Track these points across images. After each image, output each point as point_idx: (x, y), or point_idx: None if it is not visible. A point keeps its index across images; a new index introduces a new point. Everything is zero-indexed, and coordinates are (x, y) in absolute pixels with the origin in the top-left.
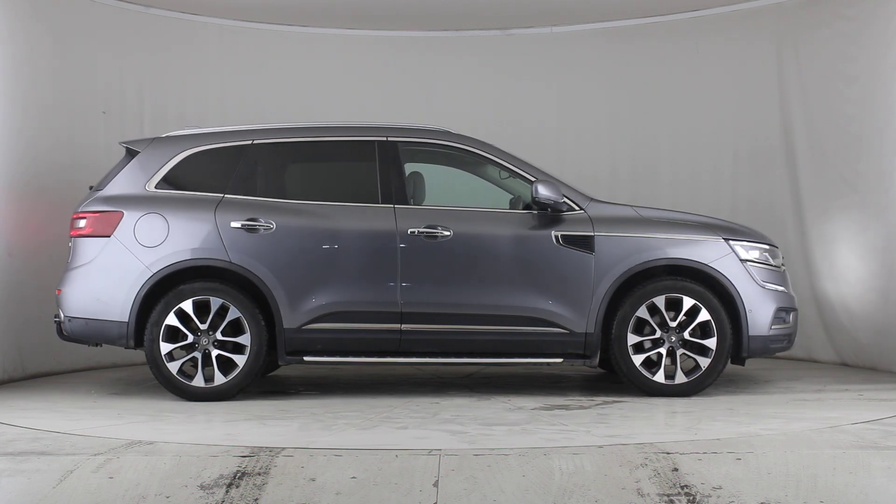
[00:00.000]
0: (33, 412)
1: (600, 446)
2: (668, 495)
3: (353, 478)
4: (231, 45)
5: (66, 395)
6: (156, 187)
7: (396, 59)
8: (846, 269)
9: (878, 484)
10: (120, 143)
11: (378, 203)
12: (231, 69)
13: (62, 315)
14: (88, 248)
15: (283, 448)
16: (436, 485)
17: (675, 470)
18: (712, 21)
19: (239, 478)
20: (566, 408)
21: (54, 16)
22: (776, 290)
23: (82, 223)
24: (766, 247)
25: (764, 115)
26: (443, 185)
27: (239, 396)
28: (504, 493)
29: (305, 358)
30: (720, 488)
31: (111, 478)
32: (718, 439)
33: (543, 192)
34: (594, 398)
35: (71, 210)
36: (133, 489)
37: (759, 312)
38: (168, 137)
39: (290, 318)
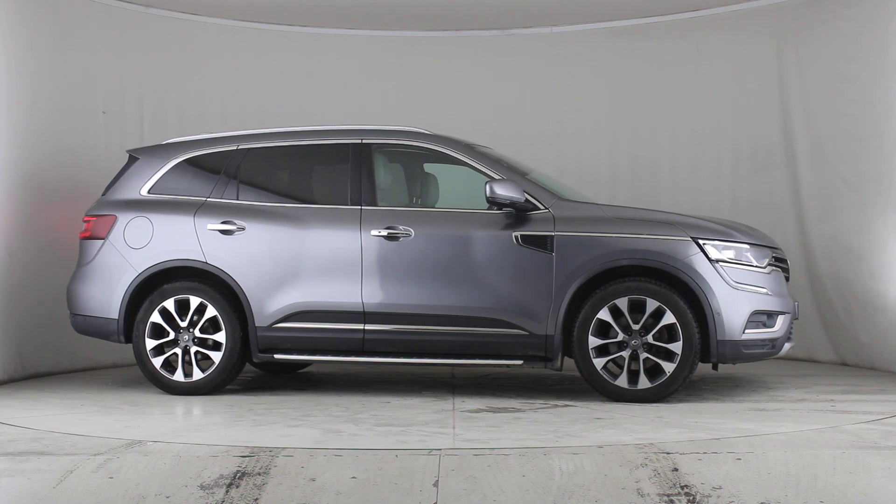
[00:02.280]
0: (33, 412)
1: (600, 446)
2: (668, 495)
3: (353, 478)
4: (231, 45)
5: (65, 395)
6: (149, 192)
7: (396, 59)
8: (846, 269)
9: (878, 484)
10: (126, 151)
11: (347, 205)
12: (231, 69)
13: (69, 312)
14: (89, 250)
15: (284, 448)
16: (436, 485)
17: (675, 470)
18: (712, 21)
19: (239, 478)
20: (496, 411)
21: (54, 16)
22: (753, 292)
23: (85, 226)
24: (746, 246)
25: (764, 115)
26: (446, 185)
27: (228, 390)
28: (504, 493)
29: (276, 356)
30: (720, 488)
31: (111, 478)
32: (718, 439)
33: (497, 191)
34: (548, 402)
35: (70, 209)
36: (133, 489)
37: (730, 315)
38: (165, 144)
39: (260, 317)
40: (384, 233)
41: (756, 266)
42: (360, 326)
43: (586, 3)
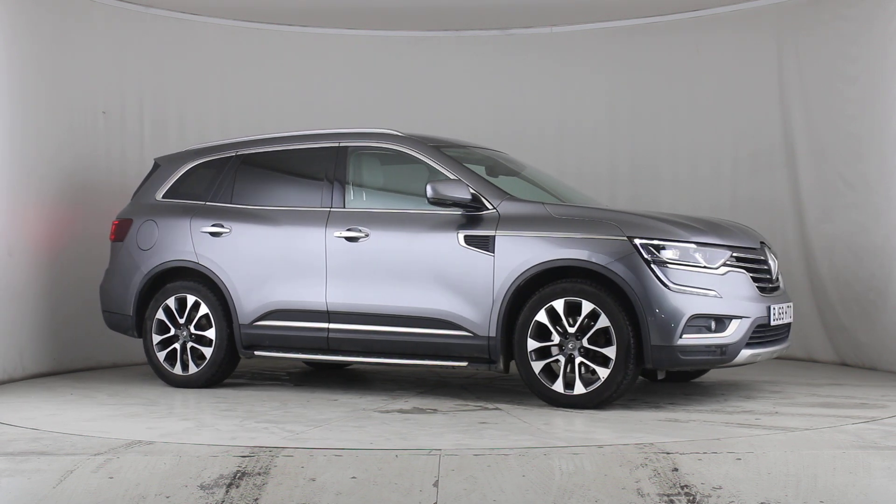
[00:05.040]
0: (33, 412)
1: (600, 446)
2: (668, 495)
3: (353, 478)
4: (231, 46)
5: (66, 395)
6: (163, 197)
7: (396, 59)
8: (846, 269)
9: (878, 484)
10: (154, 159)
11: (320, 207)
12: (231, 69)
13: (101, 308)
14: (114, 251)
15: (284, 448)
16: (436, 485)
17: (675, 470)
18: (712, 21)
19: (239, 478)
20: (409, 412)
21: (55, 16)
22: (698, 295)
23: (112, 228)
24: (693, 246)
25: (764, 115)
26: None
27: (226, 384)
28: (504, 493)
29: (256, 352)
30: (720, 488)
31: (111, 478)
32: (718, 439)
33: (439, 191)
34: (482, 405)
35: (70, 209)
36: (133, 489)
37: (664, 319)
38: (183, 152)
39: (243, 315)
40: (345, 234)
41: (706, 267)
42: (325, 325)
43: (586, 3)
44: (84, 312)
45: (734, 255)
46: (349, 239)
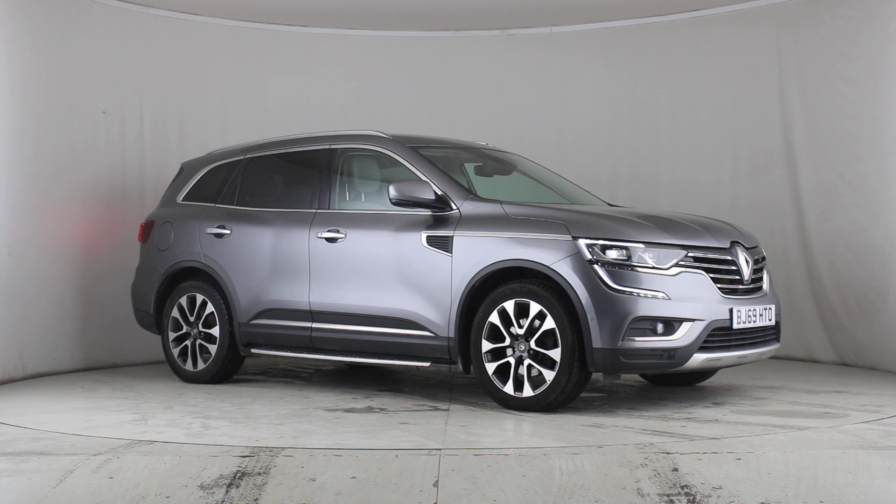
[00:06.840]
0: (33, 412)
1: (600, 446)
2: (668, 495)
3: (353, 478)
4: (231, 46)
5: (66, 395)
6: (183, 200)
7: (396, 59)
8: (846, 269)
9: (878, 484)
10: (181, 163)
11: (307, 208)
12: (231, 69)
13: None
14: (140, 252)
15: (283, 448)
16: (436, 485)
17: (675, 470)
18: (712, 21)
19: (239, 478)
20: (353, 411)
21: (55, 16)
22: (643, 297)
23: (139, 230)
24: (641, 246)
25: (764, 115)
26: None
27: (235, 380)
28: (504, 493)
29: (252, 350)
30: (720, 488)
31: (111, 478)
32: (718, 439)
33: (401, 191)
34: (436, 405)
35: (70, 209)
36: (133, 489)
37: (605, 321)
38: (204, 155)
39: (241, 314)
40: (326, 235)
41: (655, 268)
42: (309, 325)
43: (586, 3)
44: (84, 312)
45: (690, 255)
46: (329, 240)
